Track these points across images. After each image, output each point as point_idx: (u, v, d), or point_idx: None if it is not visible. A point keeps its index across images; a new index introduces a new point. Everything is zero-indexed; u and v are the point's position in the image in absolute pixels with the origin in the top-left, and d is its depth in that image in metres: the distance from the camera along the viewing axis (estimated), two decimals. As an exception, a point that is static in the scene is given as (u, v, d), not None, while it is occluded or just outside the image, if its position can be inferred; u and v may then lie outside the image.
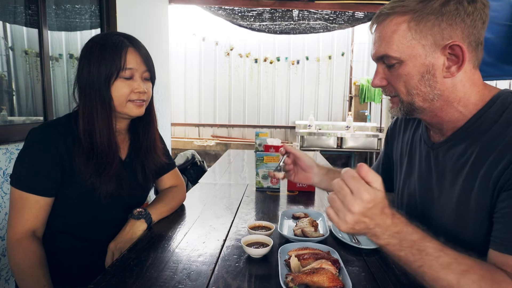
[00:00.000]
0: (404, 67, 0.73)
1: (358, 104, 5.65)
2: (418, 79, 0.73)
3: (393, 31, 0.73)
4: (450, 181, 0.76)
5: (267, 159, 1.51)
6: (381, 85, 0.80)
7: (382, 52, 0.75)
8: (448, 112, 0.76)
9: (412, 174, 0.90)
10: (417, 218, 0.86)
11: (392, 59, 0.74)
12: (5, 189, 1.65)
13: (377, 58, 0.78)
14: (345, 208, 0.62)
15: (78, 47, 2.60)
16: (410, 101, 0.76)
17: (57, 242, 1.02)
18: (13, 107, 2.03)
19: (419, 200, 0.86)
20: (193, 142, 5.57)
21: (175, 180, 1.29)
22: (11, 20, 1.96)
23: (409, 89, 0.75)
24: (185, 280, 0.75)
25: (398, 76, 0.75)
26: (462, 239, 0.74)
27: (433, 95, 0.74)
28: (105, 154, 0.98)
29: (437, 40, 0.70)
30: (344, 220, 0.62)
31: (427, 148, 0.85)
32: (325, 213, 1.20)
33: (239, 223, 1.12)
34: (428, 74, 0.72)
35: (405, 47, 0.72)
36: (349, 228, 0.62)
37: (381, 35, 0.75)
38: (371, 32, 0.80)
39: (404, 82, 0.75)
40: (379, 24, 0.76)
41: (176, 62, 5.75)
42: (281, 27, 4.85)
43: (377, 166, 1.14)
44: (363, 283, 0.75)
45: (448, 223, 0.77)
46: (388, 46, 0.74)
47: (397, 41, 0.72)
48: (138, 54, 1.00)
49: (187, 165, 4.35)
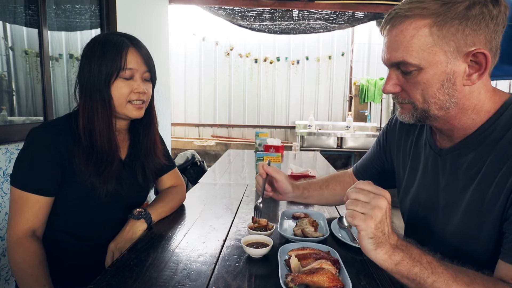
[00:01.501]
0: (423, 75, 0.69)
1: (358, 104, 5.65)
2: (437, 88, 0.69)
3: (412, 35, 0.67)
4: (459, 189, 0.74)
5: (267, 159, 1.51)
6: (394, 91, 0.75)
7: (398, 58, 0.70)
8: (461, 119, 0.73)
9: (415, 179, 0.88)
10: (419, 224, 0.86)
11: (411, 66, 0.69)
12: (5, 189, 1.65)
13: (391, 64, 0.73)
14: (371, 206, 0.62)
15: (78, 47, 2.60)
16: (426, 109, 0.72)
17: (57, 242, 1.02)
18: (13, 107, 2.03)
19: (422, 206, 0.85)
20: (193, 142, 5.57)
21: (175, 180, 1.29)
22: (11, 20, 1.96)
23: (426, 97, 0.71)
24: (185, 280, 0.75)
25: (415, 84, 0.71)
26: (466, 249, 0.73)
27: (450, 103, 0.70)
28: (105, 154, 0.98)
29: (460, 47, 0.66)
30: (372, 216, 0.61)
31: (434, 154, 0.82)
32: (325, 213, 1.20)
33: (239, 223, 1.12)
34: (448, 82, 0.68)
35: (426, 54, 0.67)
36: (375, 227, 0.61)
37: (397, 39, 0.69)
38: (382, 34, 0.74)
39: (422, 90, 0.70)
40: (395, 27, 0.70)
41: (176, 62, 5.75)
42: (281, 27, 4.85)
43: (367, 165, 1.12)
44: (363, 283, 0.75)
45: (453, 231, 0.75)
46: (406, 52, 0.68)
47: (417, 47, 0.67)
48: (139, 55, 1.00)
49: (187, 165, 4.35)
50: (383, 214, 0.62)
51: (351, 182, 1.17)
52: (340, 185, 1.16)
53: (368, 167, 1.12)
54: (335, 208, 1.31)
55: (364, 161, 1.15)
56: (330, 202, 1.21)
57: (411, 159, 0.91)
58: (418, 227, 0.87)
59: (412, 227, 0.91)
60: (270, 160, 1.50)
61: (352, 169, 1.20)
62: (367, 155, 1.14)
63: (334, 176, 1.20)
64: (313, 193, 1.14)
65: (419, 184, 0.86)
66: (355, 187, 0.67)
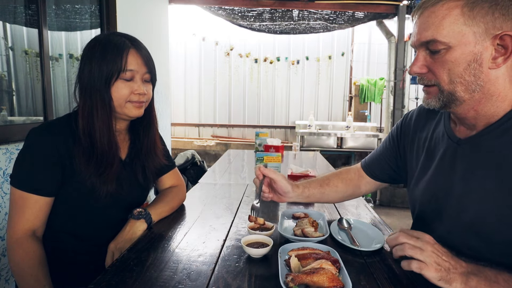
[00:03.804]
0: (451, 53, 0.71)
1: (358, 104, 5.66)
2: (463, 67, 0.71)
3: (444, 15, 0.70)
4: (479, 177, 0.75)
5: (267, 159, 1.51)
6: (420, 72, 0.77)
7: (429, 36, 0.72)
8: (485, 106, 0.74)
9: (428, 169, 0.89)
10: (431, 212, 0.86)
11: (440, 44, 0.72)
12: (5, 189, 1.65)
13: (421, 43, 0.75)
14: (419, 245, 0.70)
15: (78, 47, 2.60)
16: (452, 90, 0.74)
17: (57, 242, 1.02)
18: (13, 107, 2.03)
19: (436, 195, 0.85)
20: (193, 142, 5.57)
21: (175, 180, 1.29)
22: (11, 20, 1.97)
23: (453, 77, 0.73)
24: (185, 280, 0.75)
25: (442, 63, 0.73)
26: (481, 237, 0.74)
27: (476, 85, 0.72)
28: (105, 154, 0.98)
29: (489, 29, 0.68)
30: (426, 264, 0.68)
31: (452, 143, 0.83)
32: (325, 213, 1.20)
33: (239, 223, 1.12)
34: (474, 63, 0.70)
35: (456, 33, 0.70)
36: (435, 270, 0.67)
37: (429, 20, 0.73)
38: (413, 18, 0.77)
39: (449, 69, 0.73)
40: (427, 9, 0.73)
41: (176, 62, 5.75)
42: (281, 27, 4.85)
43: (378, 159, 1.12)
44: (363, 283, 0.75)
45: (469, 219, 0.76)
46: (437, 31, 0.71)
47: (447, 26, 0.70)
48: (139, 56, 0.99)
49: (187, 165, 4.35)
50: (436, 257, 0.68)
51: (356, 178, 1.16)
52: (342, 181, 1.16)
53: (380, 162, 1.11)
54: (335, 208, 1.31)
55: (374, 156, 1.14)
56: (332, 200, 1.20)
57: (426, 151, 0.92)
58: (430, 215, 0.88)
59: (423, 215, 0.91)
60: (268, 162, 1.50)
61: (360, 164, 1.19)
62: (378, 150, 1.14)
63: (336, 173, 1.19)
64: (314, 191, 1.13)
65: (434, 173, 0.87)
66: (401, 232, 0.75)
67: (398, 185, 4.68)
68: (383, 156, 1.11)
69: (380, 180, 1.13)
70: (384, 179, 1.13)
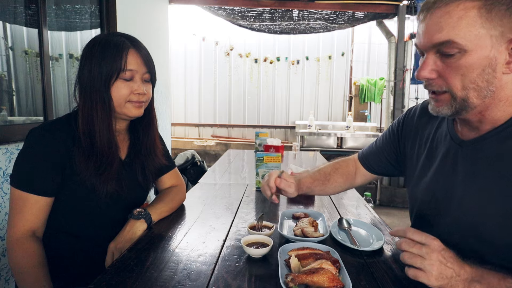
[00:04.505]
0: (466, 58, 0.67)
1: (358, 104, 5.65)
2: (478, 73, 0.67)
3: (461, 16, 0.66)
4: (480, 180, 0.74)
5: (267, 159, 1.51)
6: (430, 77, 0.73)
7: (443, 38, 0.67)
8: (492, 110, 0.72)
9: (429, 169, 0.88)
10: (431, 213, 0.86)
11: (455, 47, 0.67)
12: (5, 189, 1.65)
13: (433, 45, 0.70)
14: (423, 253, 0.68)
15: (78, 47, 2.60)
16: (464, 97, 0.70)
17: (57, 242, 1.02)
18: (13, 107, 2.03)
19: (436, 196, 0.85)
20: (193, 142, 5.57)
21: (175, 180, 1.28)
22: (11, 20, 1.96)
23: (466, 83, 0.69)
24: (185, 280, 0.75)
25: (456, 68, 0.69)
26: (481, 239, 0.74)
27: (487, 91, 0.69)
28: (105, 154, 0.98)
29: (505, 33, 0.65)
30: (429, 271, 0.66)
31: (455, 144, 0.82)
32: (325, 214, 1.20)
33: (239, 223, 1.12)
34: (489, 68, 0.67)
35: (473, 36, 0.65)
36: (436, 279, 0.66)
37: (442, 20, 0.67)
38: (420, 18, 0.72)
39: (462, 75, 0.69)
40: (440, 8, 0.68)
41: (176, 62, 5.75)
42: (281, 27, 4.85)
43: (376, 152, 1.12)
44: (363, 283, 0.75)
45: (469, 221, 0.76)
46: (454, 32, 0.66)
47: (464, 27, 0.65)
48: (139, 56, 0.99)
49: (187, 165, 4.35)
50: (439, 264, 0.66)
51: (354, 171, 1.18)
52: (342, 177, 1.18)
53: (378, 155, 1.11)
54: (336, 208, 1.31)
55: (372, 149, 1.14)
56: (330, 193, 1.27)
57: (427, 150, 0.91)
58: (429, 216, 0.87)
59: (423, 215, 0.91)
60: (267, 162, 1.49)
61: (357, 156, 1.19)
62: (377, 144, 1.13)
63: (336, 167, 1.19)
64: (315, 189, 1.17)
65: (435, 174, 0.86)
66: (405, 237, 0.72)
67: (398, 185, 4.68)
68: (381, 150, 1.10)
69: (376, 173, 1.15)
70: (381, 172, 1.14)
